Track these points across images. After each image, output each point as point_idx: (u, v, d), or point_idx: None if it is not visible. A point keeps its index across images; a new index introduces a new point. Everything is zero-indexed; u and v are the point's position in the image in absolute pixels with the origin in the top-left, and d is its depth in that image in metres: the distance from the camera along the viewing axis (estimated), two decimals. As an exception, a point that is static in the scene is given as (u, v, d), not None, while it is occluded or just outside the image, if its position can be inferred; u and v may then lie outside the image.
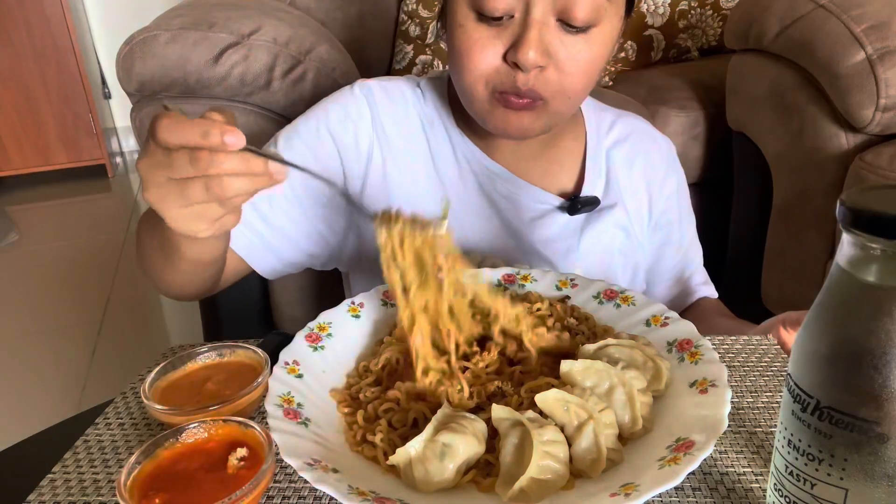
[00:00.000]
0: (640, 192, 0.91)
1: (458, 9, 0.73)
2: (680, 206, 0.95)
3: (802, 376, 0.39)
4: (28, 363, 2.07)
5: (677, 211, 0.94)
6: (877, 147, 1.19)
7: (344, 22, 1.90)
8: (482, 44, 0.72)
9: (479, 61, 0.72)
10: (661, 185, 0.92)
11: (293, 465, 0.47)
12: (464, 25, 0.72)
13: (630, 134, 0.93)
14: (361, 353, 0.65)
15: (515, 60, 0.70)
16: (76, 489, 0.54)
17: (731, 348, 0.69)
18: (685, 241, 0.97)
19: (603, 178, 0.90)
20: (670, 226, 0.94)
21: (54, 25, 3.20)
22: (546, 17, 0.69)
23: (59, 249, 2.81)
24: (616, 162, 0.91)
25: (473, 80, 0.74)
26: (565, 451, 0.49)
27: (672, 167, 0.95)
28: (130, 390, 0.67)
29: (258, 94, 1.22)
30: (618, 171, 0.91)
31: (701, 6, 1.92)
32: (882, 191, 0.37)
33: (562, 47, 0.71)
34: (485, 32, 0.71)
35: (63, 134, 3.40)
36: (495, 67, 0.72)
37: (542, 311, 0.65)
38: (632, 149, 0.92)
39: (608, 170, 0.91)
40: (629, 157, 0.92)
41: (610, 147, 0.91)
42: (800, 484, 0.40)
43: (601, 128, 0.92)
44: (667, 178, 0.93)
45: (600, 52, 0.74)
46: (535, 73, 0.71)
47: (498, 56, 0.72)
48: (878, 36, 1.13)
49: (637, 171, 0.91)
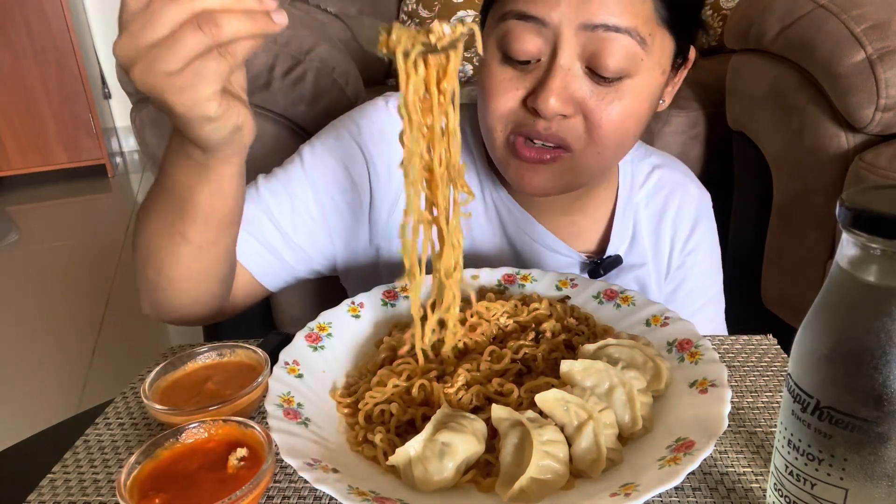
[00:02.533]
0: (663, 247, 0.86)
1: (488, 48, 0.69)
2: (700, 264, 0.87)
3: (802, 376, 0.39)
4: (28, 363, 2.07)
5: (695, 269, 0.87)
6: (877, 147, 1.19)
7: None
8: (505, 86, 0.67)
9: (500, 103, 0.68)
10: (685, 242, 0.86)
11: (293, 465, 0.46)
12: (490, 65, 0.68)
13: (665, 186, 0.86)
14: (361, 354, 0.65)
15: (535, 107, 0.65)
16: (76, 489, 0.54)
17: (731, 348, 0.69)
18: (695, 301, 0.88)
19: (629, 236, 0.85)
20: (682, 282, 0.87)
21: (54, 25, 3.20)
22: (572, 64, 0.65)
23: (59, 249, 2.81)
24: (644, 216, 0.86)
25: (493, 121, 0.70)
26: (565, 451, 0.49)
27: (700, 225, 0.87)
28: (130, 390, 0.67)
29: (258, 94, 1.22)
30: (645, 225, 0.86)
31: (701, 6, 1.92)
32: (882, 191, 0.37)
33: (590, 97, 0.66)
34: (509, 74, 0.67)
35: (63, 134, 3.40)
36: (514, 111, 0.68)
37: (542, 311, 0.65)
38: (664, 203, 0.86)
39: (635, 225, 0.86)
40: (659, 211, 0.86)
41: (641, 201, 0.86)
42: (800, 484, 0.40)
43: (636, 180, 0.86)
44: (692, 235, 0.86)
45: (635, 106, 0.67)
46: (557, 120, 0.66)
47: (517, 99, 0.67)
48: (878, 36, 1.13)
49: (665, 224, 0.86)
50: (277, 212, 0.76)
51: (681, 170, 0.89)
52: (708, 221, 0.88)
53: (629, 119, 0.68)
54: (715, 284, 0.90)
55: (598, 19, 0.62)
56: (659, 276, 0.86)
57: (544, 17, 0.63)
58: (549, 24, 0.63)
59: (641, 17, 0.63)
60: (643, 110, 0.69)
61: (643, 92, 0.67)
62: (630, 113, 0.67)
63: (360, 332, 0.67)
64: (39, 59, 3.24)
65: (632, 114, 0.67)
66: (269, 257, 0.77)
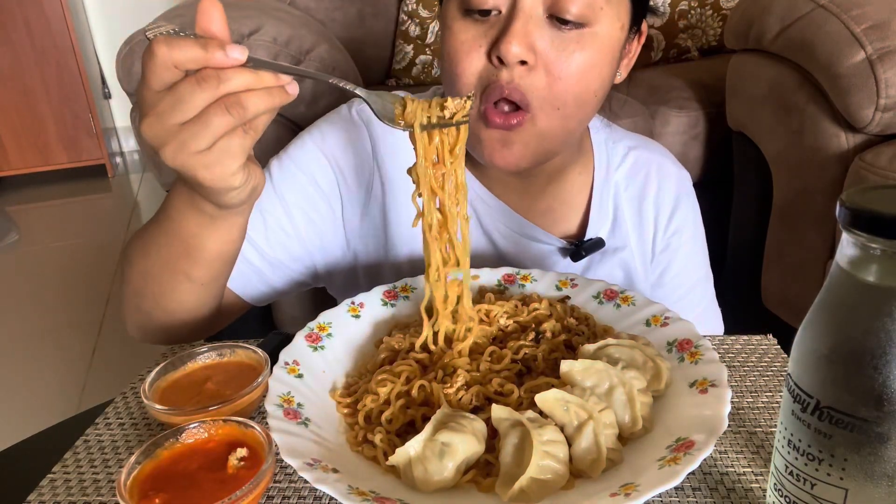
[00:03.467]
0: (647, 229, 0.85)
1: (448, 10, 0.69)
2: (685, 245, 0.86)
3: (802, 376, 0.39)
4: (28, 363, 2.08)
5: (680, 251, 0.86)
6: (877, 147, 1.19)
7: (344, 22, 1.90)
8: (468, 45, 0.67)
9: (465, 64, 0.67)
10: (668, 223, 0.85)
11: (293, 465, 0.47)
12: (451, 27, 0.68)
13: (643, 167, 0.85)
14: (361, 354, 0.65)
15: (498, 54, 0.65)
16: (76, 489, 0.54)
17: (731, 348, 0.69)
18: (683, 283, 0.87)
19: (610, 217, 0.84)
20: (669, 265, 0.86)
21: (54, 25, 3.20)
22: (535, 9, 0.65)
23: (59, 249, 2.81)
24: (625, 198, 0.85)
25: (461, 87, 0.68)
26: (565, 451, 0.49)
27: (682, 203, 0.86)
28: (130, 390, 0.67)
29: (258, 94, 1.22)
30: (626, 208, 0.84)
31: (701, 6, 1.92)
32: (882, 191, 0.37)
33: (551, 46, 0.66)
34: (471, 32, 0.67)
35: (63, 134, 3.40)
36: (480, 69, 0.67)
37: (542, 311, 0.65)
38: (644, 183, 0.85)
39: (616, 207, 0.84)
40: (640, 193, 0.85)
41: (620, 181, 0.85)
42: (800, 484, 0.40)
43: (612, 160, 0.85)
44: (674, 215, 0.85)
45: (595, 59, 0.67)
46: (520, 71, 0.66)
47: (482, 55, 0.67)
48: (878, 36, 1.13)
49: (647, 206, 0.85)
50: (251, 229, 0.74)
51: (657, 150, 0.89)
52: (689, 200, 0.87)
53: (590, 72, 0.67)
54: (702, 265, 0.89)
55: None
56: (644, 259, 0.85)
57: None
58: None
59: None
60: (604, 64, 0.68)
61: (603, 44, 0.67)
62: (591, 65, 0.67)
63: (360, 332, 0.67)
64: (39, 59, 3.24)
65: (593, 66, 0.67)
66: (248, 273, 0.77)
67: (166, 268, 0.64)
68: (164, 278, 0.65)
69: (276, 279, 0.80)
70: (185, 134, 0.48)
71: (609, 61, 0.69)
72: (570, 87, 0.67)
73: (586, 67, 0.67)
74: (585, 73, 0.67)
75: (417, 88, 1.93)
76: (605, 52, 0.68)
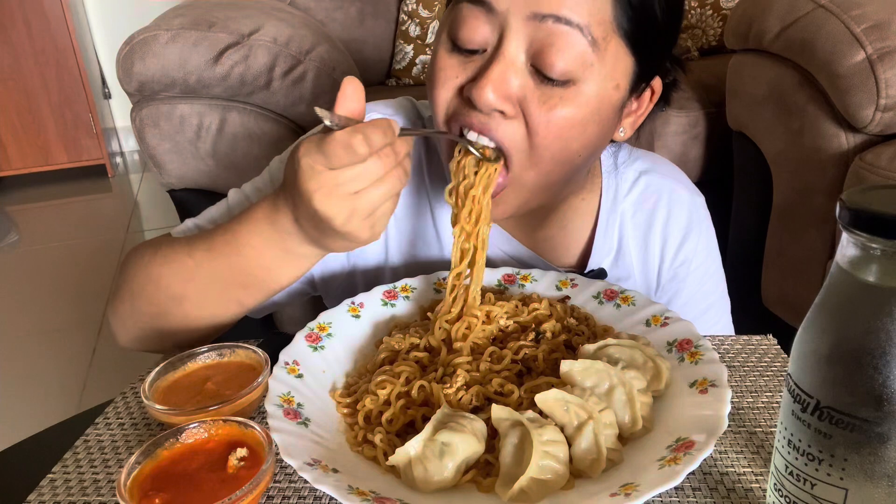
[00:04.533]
0: (652, 259, 0.82)
1: (441, 37, 0.65)
2: (694, 273, 0.82)
3: (802, 376, 0.39)
4: (28, 363, 2.08)
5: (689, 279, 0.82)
6: (877, 147, 1.19)
7: (344, 22, 1.90)
8: (445, 74, 0.63)
9: (438, 92, 0.64)
10: (675, 253, 0.81)
11: (293, 465, 0.47)
12: (437, 51, 0.65)
13: (653, 193, 0.81)
14: (361, 354, 0.65)
15: (469, 95, 0.61)
16: (76, 489, 0.54)
17: (731, 348, 0.69)
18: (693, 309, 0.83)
19: (614, 247, 0.81)
20: (677, 293, 0.83)
21: (54, 25, 3.20)
22: (517, 56, 0.60)
23: (59, 249, 2.81)
24: (631, 226, 0.81)
25: (436, 115, 0.66)
26: (565, 451, 0.49)
27: (692, 233, 0.81)
28: (130, 390, 0.67)
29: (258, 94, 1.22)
30: (632, 239, 0.81)
31: (701, 6, 1.92)
32: (882, 191, 0.37)
33: (531, 97, 0.61)
34: (453, 61, 0.63)
35: (63, 134, 3.40)
36: (450, 101, 0.64)
37: (542, 311, 0.65)
38: (651, 212, 0.81)
39: (621, 237, 0.81)
40: (647, 221, 0.81)
41: (628, 210, 0.81)
42: (800, 484, 0.40)
43: (621, 187, 0.81)
44: (683, 245, 0.81)
45: (578, 117, 0.61)
46: (497, 119, 0.62)
47: (455, 87, 0.63)
48: (878, 36, 1.14)
49: (654, 235, 0.81)
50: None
51: (670, 174, 0.84)
52: (701, 227, 0.83)
53: (572, 129, 0.62)
54: (715, 290, 0.85)
55: (547, 9, 0.58)
56: (648, 289, 0.83)
57: (493, 2, 0.60)
58: (498, 11, 0.60)
59: (597, 17, 0.59)
60: (589, 123, 0.63)
61: (590, 102, 0.62)
62: (573, 123, 0.62)
63: (359, 332, 0.67)
64: (39, 59, 3.24)
65: (575, 124, 0.62)
66: None
67: (217, 295, 0.65)
68: (208, 303, 0.66)
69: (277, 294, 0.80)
70: (359, 204, 0.53)
71: (597, 121, 0.64)
72: (549, 143, 0.62)
73: (567, 125, 0.62)
74: (566, 131, 0.62)
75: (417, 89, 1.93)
76: (591, 112, 0.63)
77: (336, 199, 0.53)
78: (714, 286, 0.85)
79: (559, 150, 0.63)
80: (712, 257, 0.85)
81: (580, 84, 0.61)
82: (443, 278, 0.73)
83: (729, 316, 0.88)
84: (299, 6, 1.83)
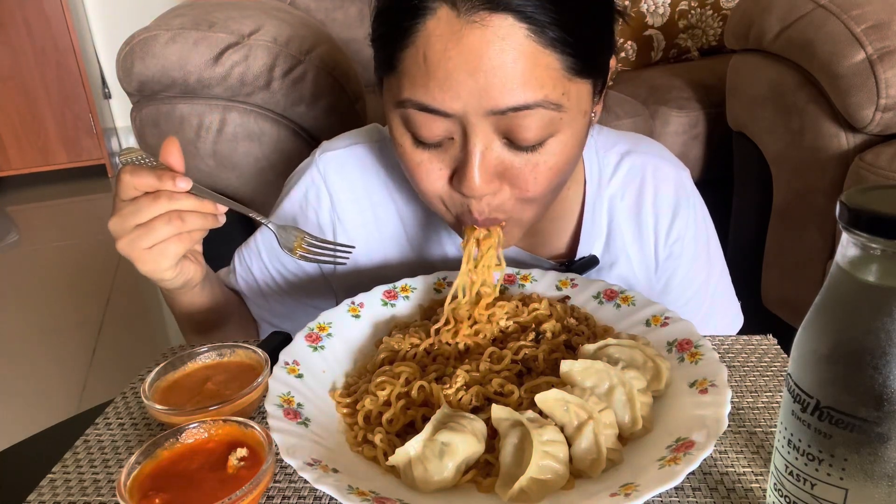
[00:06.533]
0: (647, 238, 0.81)
1: (394, 122, 0.64)
2: (687, 249, 0.82)
3: (802, 376, 0.39)
4: (28, 363, 2.08)
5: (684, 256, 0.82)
6: (877, 147, 1.19)
7: (344, 22, 1.90)
8: (425, 167, 0.64)
9: (427, 185, 0.65)
10: (668, 230, 0.81)
11: (293, 465, 0.47)
12: (402, 145, 0.64)
13: (638, 173, 0.81)
14: (361, 353, 0.65)
15: (461, 192, 0.62)
16: (76, 489, 0.54)
17: (731, 348, 0.69)
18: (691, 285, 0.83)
19: (603, 234, 0.81)
20: (675, 271, 0.83)
21: (54, 25, 3.20)
22: (489, 139, 0.60)
23: (59, 249, 2.81)
24: (620, 212, 0.81)
25: (430, 199, 0.67)
26: (565, 451, 0.49)
27: (682, 207, 0.81)
28: (130, 390, 0.67)
29: (258, 94, 1.22)
30: (621, 222, 0.81)
31: (701, 6, 1.92)
32: (882, 191, 0.37)
33: (515, 165, 0.62)
34: (426, 155, 0.63)
35: (63, 134, 3.40)
36: (445, 192, 0.65)
37: (542, 311, 0.65)
38: (639, 191, 0.81)
39: (610, 222, 0.81)
40: (636, 201, 0.81)
41: (615, 193, 0.81)
42: (800, 484, 0.40)
43: (604, 172, 0.81)
44: (675, 221, 0.81)
45: (565, 159, 0.63)
46: (488, 198, 0.63)
47: (444, 180, 0.64)
48: (878, 36, 1.14)
49: (645, 215, 0.81)
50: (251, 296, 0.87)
51: (651, 151, 0.83)
52: (689, 201, 0.82)
53: (560, 173, 0.64)
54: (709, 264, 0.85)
55: (503, 104, 0.57)
56: (647, 269, 0.82)
57: (447, 109, 0.58)
58: (453, 114, 0.59)
59: (549, 84, 0.58)
60: (571, 156, 0.65)
61: (569, 142, 0.63)
62: (559, 167, 0.63)
63: (359, 332, 0.67)
64: (39, 59, 3.24)
65: (562, 167, 0.64)
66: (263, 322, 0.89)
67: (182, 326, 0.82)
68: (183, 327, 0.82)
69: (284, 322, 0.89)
70: (136, 234, 0.63)
71: (578, 145, 0.65)
72: (542, 192, 0.64)
73: (554, 172, 0.63)
74: (555, 177, 0.64)
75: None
76: (572, 147, 0.64)
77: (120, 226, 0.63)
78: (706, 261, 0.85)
79: (555, 186, 0.66)
80: (703, 229, 0.84)
81: (557, 135, 0.61)
82: (443, 278, 0.73)
83: (728, 286, 0.87)
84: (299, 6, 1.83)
